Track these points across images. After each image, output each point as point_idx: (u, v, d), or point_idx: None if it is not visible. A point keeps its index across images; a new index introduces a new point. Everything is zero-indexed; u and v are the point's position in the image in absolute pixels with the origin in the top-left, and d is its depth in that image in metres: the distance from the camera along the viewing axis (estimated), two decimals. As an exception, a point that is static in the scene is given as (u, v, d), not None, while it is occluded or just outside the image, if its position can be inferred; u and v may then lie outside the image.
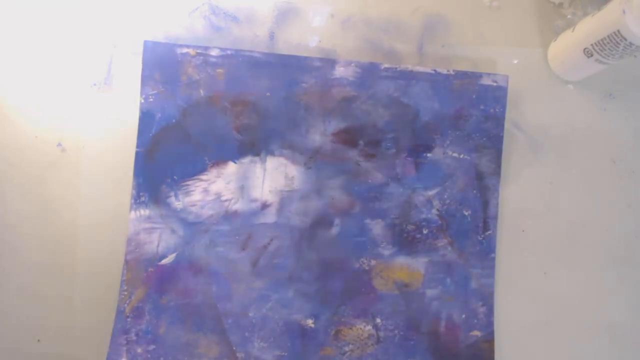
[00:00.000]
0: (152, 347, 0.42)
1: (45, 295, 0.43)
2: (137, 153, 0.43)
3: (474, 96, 0.45)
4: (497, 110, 0.45)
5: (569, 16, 0.48)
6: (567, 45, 0.44)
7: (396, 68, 0.44)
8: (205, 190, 0.43)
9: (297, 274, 0.43)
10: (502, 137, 0.45)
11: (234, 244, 0.43)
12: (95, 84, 0.45)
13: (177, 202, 0.43)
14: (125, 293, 0.42)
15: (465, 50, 0.47)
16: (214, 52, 0.44)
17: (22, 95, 0.44)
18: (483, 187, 0.45)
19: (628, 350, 0.45)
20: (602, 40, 0.40)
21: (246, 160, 0.44)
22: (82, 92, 0.45)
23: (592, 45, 0.41)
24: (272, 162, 0.44)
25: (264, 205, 0.44)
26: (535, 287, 0.45)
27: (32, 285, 0.43)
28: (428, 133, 0.45)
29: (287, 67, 0.44)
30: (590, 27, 0.41)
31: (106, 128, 0.44)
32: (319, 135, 0.44)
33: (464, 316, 0.43)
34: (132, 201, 0.43)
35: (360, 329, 0.43)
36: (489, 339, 0.43)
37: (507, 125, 0.46)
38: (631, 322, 0.45)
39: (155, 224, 0.43)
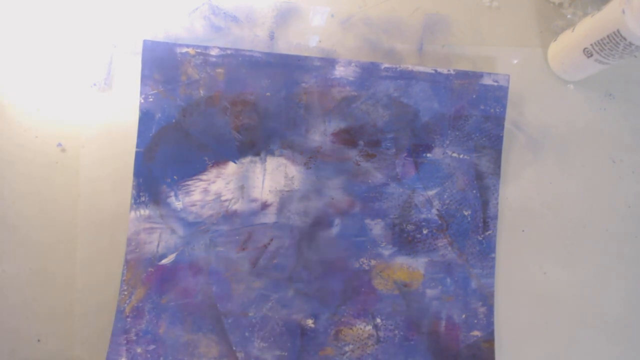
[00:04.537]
0: (152, 347, 0.42)
1: (45, 295, 0.43)
2: (137, 153, 0.43)
3: (474, 96, 0.45)
4: (498, 110, 0.45)
5: (569, 16, 0.48)
6: (567, 45, 0.44)
7: (396, 68, 0.44)
8: (205, 190, 0.43)
9: (297, 274, 0.43)
10: (502, 137, 0.45)
11: (233, 243, 0.43)
12: (95, 84, 0.45)
13: (177, 202, 0.43)
14: (125, 293, 0.42)
15: (465, 50, 0.47)
16: (214, 52, 0.44)
17: (22, 95, 0.44)
18: (483, 187, 0.45)
19: (627, 350, 0.45)
20: (602, 40, 0.40)
21: (246, 160, 0.44)
22: (82, 92, 0.45)
23: (592, 45, 0.41)
24: (272, 162, 0.44)
25: (264, 205, 0.44)
26: (535, 287, 0.45)
27: (32, 285, 0.43)
28: (428, 133, 0.45)
29: (287, 67, 0.44)
30: (590, 27, 0.41)
31: (106, 128, 0.44)
32: (318, 135, 0.44)
33: (464, 316, 0.43)
34: (132, 201, 0.43)
35: (360, 329, 0.43)
36: (489, 339, 0.43)
37: (507, 125, 0.46)
38: (631, 322, 0.45)
39: (155, 224, 0.43)
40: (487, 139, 0.45)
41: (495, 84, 0.45)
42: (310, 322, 0.43)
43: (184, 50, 0.44)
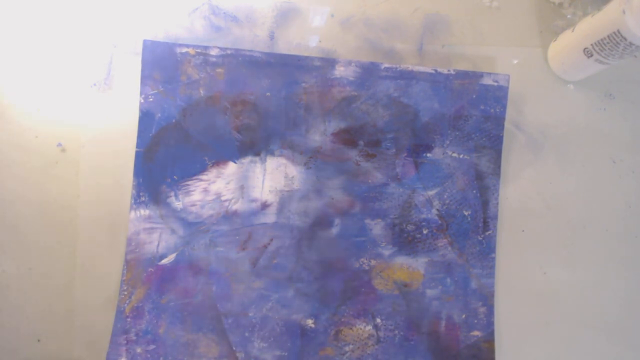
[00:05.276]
0: (152, 347, 0.42)
1: (45, 295, 0.43)
2: (137, 153, 0.43)
3: (474, 96, 0.45)
4: (498, 110, 0.45)
5: (569, 16, 0.48)
6: (567, 45, 0.44)
7: (396, 68, 0.44)
8: (205, 190, 0.43)
9: (297, 274, 0.43)
10: (502, 137, 0.45)
11: (233, 243, 0.43)
12: (95, 84, 0.45)
13: (177, 202, 0.43)
14: (125, 293, 0.42)
15: (465, 50, 0.47)
16: (214, 52, 0.44)
17: (22, 95, 0.44)
18: (483, 187, 0.45)
19: (627, 350, 0.45)
20: (602, 40, 0.40)
21: (246, 160, 0.44)
22: (82, 92, 0.45)
23: (592, 45, 0.41)
24: (272, 162, 0.44)
25: (264, 205, 0.44)
26: (535, 287, 0.45)
27: (32, 285, 0.43)
28: (428, 133, 0.45)
29: (287, 67, 0.44)
30: (590, 27, 0.41)
31: (106, 128, 0.44)
32: (319, 135, 0.44)
33: (464, 316, 0.43)
34: (132, 201, 0.43)
35: (361, 329, 0.43)
36: (489, 339, 0.43)
37: (507, 125, 0.46)
38: (631, 322, 0.45)
39: (155, 224, 0.43)
40: (487, 139, 0.45)
41: (495, 84, 0.45)
42: (310, 322, 0.43)
43: (184, 50, 0.44)
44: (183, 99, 0.44)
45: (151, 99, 0.43)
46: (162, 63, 0.44)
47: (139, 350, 0.42)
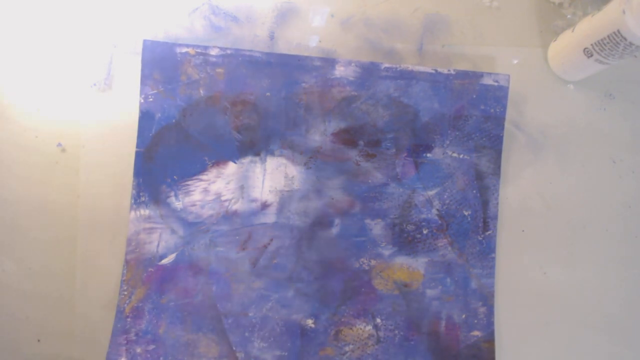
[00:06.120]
0: (151, 347, 0.42)
1: (45, 295, 0.43)
2: (137, 153, 0.43)
3: (474, 96, 0.45)
4: (498, 110, 0.45)
5: (569, 16, 0.48)
6: (567, 45, 0.44)
7: (396, 68, 0.44)
8: (205, 190, 0.43)
9: (297, 274, 0.43)
10: (502, 137, 0.45)
11: (233, 243, 0.43)
12: (95, 84, 0.45)
13: (177, 202, 0.43)
14: (125, 293, 0.42)
15: (465, 50, 0.47)
16: (214, 52, 0.44)
17: (22, 95, 0.44)
18: (483, 187, 0.45)
19: (627, 350, 0.45)
20: (602, 40, 0.40)
21: (246, 160, 0.44)
22: (82, 92, 0.45)
23: (592, 45, 0.41)
24: (272, 162, 0.44)
25: (264, 205, 0.44)
26: (535, 287, 0.45)
27: (32, 285, 0.43)
28: (428, 133, 0.45)
29: (287, 67, 0.44)
30: (590, 27, 0.41)
31: (106, 128, 0.44)
32: (319, 135, 0.44)
33: (464, 316, 0.43)
34: (132, 201, 0.43)
35: (361, 329, 0.43)
36: (489, 339, 0.43)
37: (507, 125, 0.46)
38: (631, 322, 0.45)
39: (155, 224, 0.43)
40: (487, 139, 0.45)
41: (496, 84, 0.45)
42: (310, 322, 0.43)
43: (184, 50, 0.44)
44: (183, 99, 0.44)
45: (151, 99, 0.43)
46: (162, 63, 0.44)
47: (139, 350, 0.42)
